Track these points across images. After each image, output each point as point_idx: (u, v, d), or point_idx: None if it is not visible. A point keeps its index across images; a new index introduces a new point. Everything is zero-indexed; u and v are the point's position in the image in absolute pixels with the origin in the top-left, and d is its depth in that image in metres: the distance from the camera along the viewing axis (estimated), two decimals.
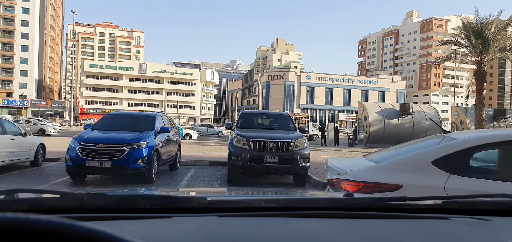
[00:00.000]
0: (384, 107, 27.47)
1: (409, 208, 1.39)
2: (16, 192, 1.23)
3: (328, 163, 3.99)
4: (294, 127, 10.14)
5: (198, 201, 1.32)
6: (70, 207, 1.18)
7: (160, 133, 9.39)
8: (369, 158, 3.90)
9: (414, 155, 3.46)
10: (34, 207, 1.16)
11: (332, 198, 1.61)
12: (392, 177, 3.18)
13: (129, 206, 1.24)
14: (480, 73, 24.10)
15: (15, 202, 1.19)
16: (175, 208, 1.23)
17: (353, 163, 3.92)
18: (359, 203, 1.47)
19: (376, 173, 3.32)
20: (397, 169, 3.28)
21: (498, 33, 23.43)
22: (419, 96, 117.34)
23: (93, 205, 1.19)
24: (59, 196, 1.21)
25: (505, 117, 29.07)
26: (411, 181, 3.10)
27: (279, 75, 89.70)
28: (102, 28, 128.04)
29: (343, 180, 3.33)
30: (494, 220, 1.28)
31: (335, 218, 1.25)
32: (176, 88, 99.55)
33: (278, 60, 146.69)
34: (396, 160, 3.47)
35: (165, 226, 1.09)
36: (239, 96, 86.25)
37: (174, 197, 1.35)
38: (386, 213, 1.33)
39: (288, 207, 1.34)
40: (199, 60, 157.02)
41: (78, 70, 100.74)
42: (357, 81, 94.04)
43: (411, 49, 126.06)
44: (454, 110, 32.82)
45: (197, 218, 1.18)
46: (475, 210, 1.37)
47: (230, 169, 8.98)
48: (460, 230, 1.21)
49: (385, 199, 1.41)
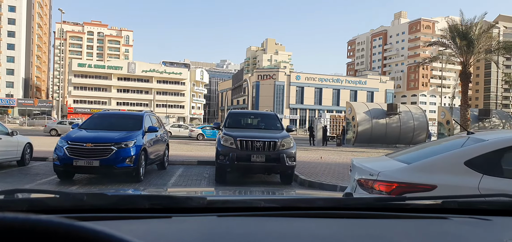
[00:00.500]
0: (372, 108, 27.82)
1: (409, 208, 1.39)
2: (15, 192, 1.24)
3: (354, 163, 3.98)
4: (281, 127, 10.28)
5: (197, 201, 1.32)
6: (69, 207, 1.18)
7: (148, 132, 9.45)
8: (394, 158, 3.92)
9: (447, 155, 3.46)
10: (34, 207, 1.16)
11: (332, 198, 1.62)
12: (426, 178, 3.20)
13: (128, 206, 1.24)
14: (465, 74, 24.57)
15: (15, 202, 1.19)
16: (174, 208, 1.23)
17: (382, 163, 3.93)
18: (359, 203, 1.48)
19: (409, 173, 3.33)
20: (430, 170, 3.30)
21: (483, 35, 23.93)
22: (407, 97, 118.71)
23: (92, 205, 1.19)
24: (58, 196, 1.21)
25: (489, 117, 29.64)
26: (445, 182, 3.12)
27: (269, 75, 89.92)
28: (91, 27, 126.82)
29: (375, 180, 3.34)
30: (494, 220, 1.28)
31: (335, 218, 1.25)
32: (165, 87, 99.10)
33: (267, 60, 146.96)
34: (429, 161, 3.46)
35: (165, 226, 1.09)
36: (229, 96, 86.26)
37: (174, 197, 1.35)
38: (385, 213, 1.33)
39: (288, 207, 1.34)
40: (189, 59, 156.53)
41: (66, 69, 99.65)
42: (346, 81, 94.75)
43: (399, 50, 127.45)
44: (441, 110, 33.37)
45: (197, 218, 1.18)
46: (475, 209, 1.37)
47: (217, 168, 9.08)
48: (460, 230, 1.21)
49: (385, 199, 1.44)
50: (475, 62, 25.71)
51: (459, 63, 25.46)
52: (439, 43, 27.04)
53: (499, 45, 26.37)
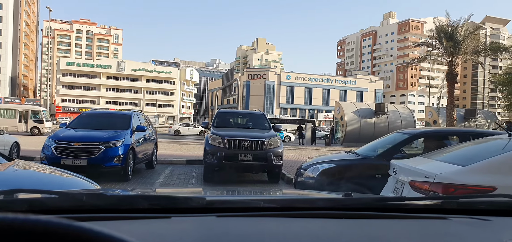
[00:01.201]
0: (360, 107, 28.12)
1: (408, 208, 1.39)
2: (15, 192, 1.25)
3: (401, 165, 3.97)
4: (268, 126, 10.40)
5: (197, 201, 1.31)
6: (68, 207, 1.19)
7: (136, 132, 9.48)
8: (436, 159, 3.93)
9: (504, 156, 3.41)
10: (33, 207, 1.16)
11: (331, 198, 1.61)
12: (484, 179, 3.18)
13: (127, 206, 1.24)
14: (451, 75, 24.97)
15: (14, 202, 1.19)
16: (173, 208, 1.23)
17: (430, 165, 3.87)
18: (358, 203, 1.48)
19: (467, 175, 3.30)
20: (488, 171, 3.27)
21: (468, 36, 24.35)
22: (396, 96, 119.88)
23: (91, 205, 1.20)
24: (57, 196, 1.22)
25: (475, 117, 30.23)
26: (505, 183, 3.09)
27: (259, 74, 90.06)
28: (79, 25, 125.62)
29: (432, 183, 3.33)
30: (493, 220, 1.28)
31: (334, 218, 1.25)
32: (155, 87, 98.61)
33: (258, 60, 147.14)
34: (486, 163, 3.41)
35: (164, 226, 1.08)
36: (219, 95, 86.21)
37: (173, 197, 1.34)
38: (385, 213, 1.32)
39: (287, 207, 1.34)
40: (179, 58, 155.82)
41: (54, 68, 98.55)
42: (335, 81, 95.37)
43: (388, 50, 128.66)
44: (428, 110, 33.91)
45: (196, 218, 1.17)
46: (474, 210, 1.36)
47: (205, 167, 9.16)
48: (460, 230, 1.21)
49: (384, 199, 1.45)
50: (463, 62, 26.15)
51: (446, 64, 25.88)
52: (426, 43, 27.46)
53: (486, 46, 26.88)
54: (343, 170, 5.68)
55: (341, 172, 5.63)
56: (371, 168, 5.52)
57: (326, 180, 5.23)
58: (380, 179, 5.08)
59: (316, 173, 5.54)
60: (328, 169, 5.60)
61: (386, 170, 4.99)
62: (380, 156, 5.61)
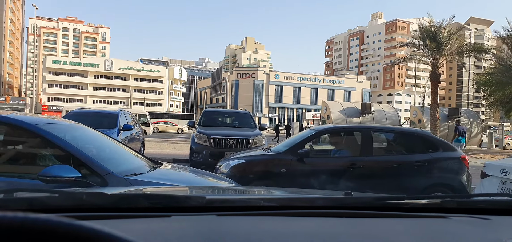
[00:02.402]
0: (346, 107, 28.60)
1: (408, 207, 1.40)
2: (15, 191, 1.25)
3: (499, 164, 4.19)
4: (254, 125, 10.63)
5: (197, 200, 1.32)
6: (68, 206, 1.19)
7: (122, 130, 9.61)
8: None
9: None
10: (33, 206, 1.16)
11: (331, 197, 1.62)
12: None
13: (127, 205, 1.24)
14: (435, 75, 25.53)
15: (14, 201, 1.20)
16: (174, 207, 1.23)
17: None
18: (358, 202, 1.49)
19: None
20: None
21: (451, 37, 24.93)
22: (383, 96, 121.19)
23: (91, 204, 1.20)
24: (57, 195, 1.22)
25: (458, 116, 30.90)
26: None
27: (248, 73, 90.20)
28: (66, 23, 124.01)
29: None
30: (493, 219, 1.28)
31: (334, 217, 1.25)
32: (143, 85, 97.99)
33: (247, 59, 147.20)
34: None
35: (164, 225, 1.08)
36: (208, 94, 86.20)
37: (173, 196, 1.37)
38: (385, 212, 1.33)
39: (287, 206, 1.36)
40: (167, 57, 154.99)
41: (40, 66, 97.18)
42: (324, 80, 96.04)
43: (376, 50, 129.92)
44: (413, 109, 34.50)
45: (196, 217, 1.17)
46: (474, 209, 1.37)
47: (191, 165, 9.34)
48: (459, 229, 1.21)
49: (384, 198, 1.46)
50: (448, 62, 26.74)
51: (430, 64, 26.44)
52: (411, 44, 27.99)
53: (468, 47, 27.53)
54: (252, 165, 5.89)
55: (250, 167, 5.84)
56: (277, 163, 5.71)
57: (237, 175, 5.40)
58: (285, 173, 5.43)
59: (228, 169, 5.70)
60: (238, 165, 5.76)
61: (290, 165, 5.48)
62: (287, 151, 5.82)
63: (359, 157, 5.73)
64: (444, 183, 5.53)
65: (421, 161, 5.57)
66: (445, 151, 5.68)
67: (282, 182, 5.36)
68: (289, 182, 5.39)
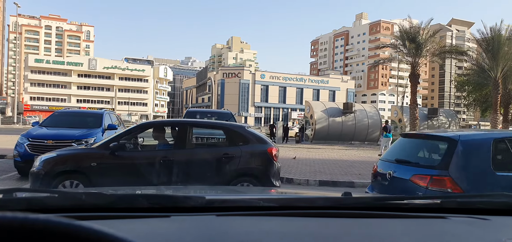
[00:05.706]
0: (329, 106, 29.13)
1: (408, 207, 1.41)
2: (14, 191, 1.26)
3: None
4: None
5: (196, 200, 1.31)
6: (68, 206, 1.19)
7: (107, 130, 9.87)
8: None
9: None
10: (32, 206, 1.17)
11: (331, 197, 1.62)
12: None
13: (127, 205, 1.25)
14: (414, 75, 26.23)
15: (14, 201, 1.20)
16: (173, 207, 1.24)
17: None
18: (358, 202, 1.49)
19: None
20: None
21: (429, 39, 25.70)
22: (368, 96, 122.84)
23: (91, 204, 1.20)
24: (57, 195, 1.25)
25: (437, 116, 31.86)
26: None
27: (234, 73, 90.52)
28: (49, 21, 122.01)
29: None
30: (492, 220, 1.28)
31: (334, 217, 1.26)
32: (127, 84, 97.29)
33: (233, 58, 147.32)
34: None
35: (164, 225, 1.08)
36: (193, 93, 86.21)
37: (173, 196, 1.38)
38: (385, 212, 1.34)
39: (287, 207, 1.36)
40: (152, 56, 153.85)
41: (22, 64, 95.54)
42: (309, 80, 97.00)
43: (360, 50, 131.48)
44: (394, 109, 35.46)
45: (196, 217, 1.18)
46: (473, 209, 1.38)
47: None
48: (459, 230, 1.21)
49: (384, 198, 1.49)
50: (430, 63, 27.47)
51: (410, 64, 27.18)
52: (391, 45, 28.69)
53: (446, 48, 28.40)
54: (64, 160, 5.96)
55: (62, 161, 5.92)
56: (89, 158, 5.87)
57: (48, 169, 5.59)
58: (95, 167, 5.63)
59: (39, 162, 5.82)
60: (50, 159, 5.85)
61: (102, 159, 5.71)
62: (100, 146, 5.97)
63: (171, 150, 6.05)
64: (249, 173, 6.01)
65: (229, 153, 6.01)
66: (255, 144, 6.10)
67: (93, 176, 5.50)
68: (99, 176, 5.54)
